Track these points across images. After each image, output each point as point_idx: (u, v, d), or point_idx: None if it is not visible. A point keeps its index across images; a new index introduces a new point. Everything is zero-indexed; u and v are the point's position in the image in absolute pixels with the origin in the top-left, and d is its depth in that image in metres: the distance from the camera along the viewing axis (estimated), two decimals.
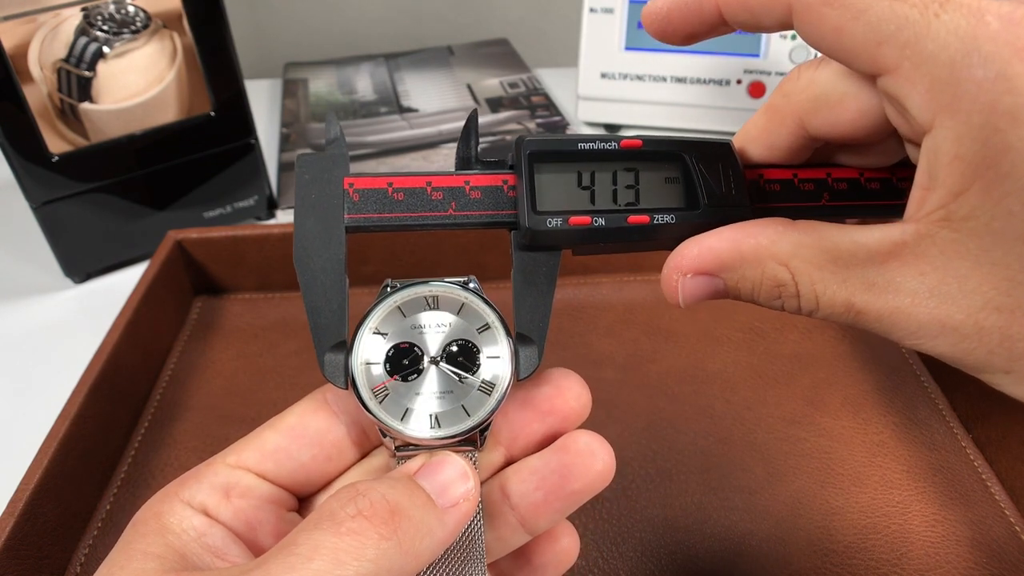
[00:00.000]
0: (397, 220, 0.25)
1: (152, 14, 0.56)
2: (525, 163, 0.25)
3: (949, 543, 0.39)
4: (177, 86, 0.58)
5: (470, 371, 0.25)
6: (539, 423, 0.27)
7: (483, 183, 0.26)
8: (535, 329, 0.26)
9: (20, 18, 0.51)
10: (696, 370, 0.49)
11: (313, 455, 0.26)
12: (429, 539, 0.22)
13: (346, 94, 0.87)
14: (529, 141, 0.25)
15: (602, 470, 0.26)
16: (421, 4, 1.05)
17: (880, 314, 0.21)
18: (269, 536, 0.25)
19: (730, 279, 0.23)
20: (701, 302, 0.24)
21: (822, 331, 0.52)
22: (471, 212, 0.26)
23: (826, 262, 0.22)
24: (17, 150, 0.53)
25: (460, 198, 0.26)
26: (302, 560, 0.19)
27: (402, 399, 0.25)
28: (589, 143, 0.25)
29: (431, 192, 0.26)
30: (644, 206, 0.25)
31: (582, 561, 0.38)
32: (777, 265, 0.22)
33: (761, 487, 0.42)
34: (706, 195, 0.25)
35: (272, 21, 1.03)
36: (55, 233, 0.58)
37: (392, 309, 0.25)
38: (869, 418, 0.46)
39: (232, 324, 0.55)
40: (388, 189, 0.25)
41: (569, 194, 0.25)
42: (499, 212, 0.26)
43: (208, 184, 0.63)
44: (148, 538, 0.22)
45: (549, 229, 0.25)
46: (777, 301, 0.23)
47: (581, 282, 0.57)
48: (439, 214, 0.26)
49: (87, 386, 0.42)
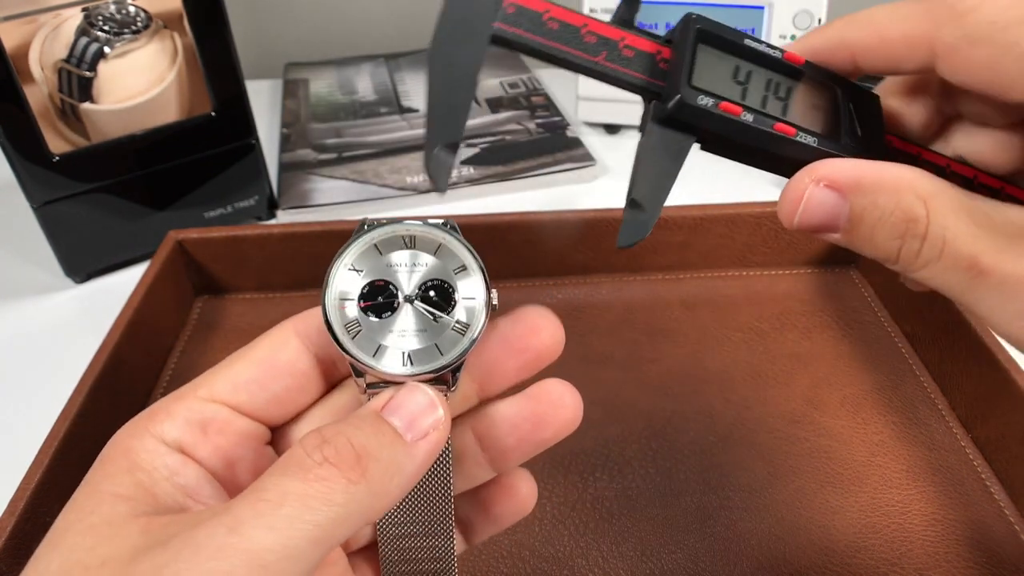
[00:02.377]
0: (544, 46, 0.24)
1: (153, 14, 0.56)
2: (692, 36, 0.24)
3: (949, 543, 0.39)
4: (178, 86, 0.58)
5: (445, 311, 0.25)
6: (513, 360, 0.27)
7: (638, 44, 0.25)
8: (651, 200, 0.25)
9: (21, 18, 0.51)
10: (696, 370, 0.49)
11: (286, 385, 0.25)
12: (399, 476, 0.21)
13: (346, 94, 0.87)
14: (699, 18, 0.25)
15: (571, 418, 0.27)
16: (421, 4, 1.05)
17: (1004, 279, 0.20)
18: (247, 472, 0.24)
19: (858, 203, 0.22)
20: (814, 227, 0.23)
21: (822, 331, 0.52)
22: (619, 67, 0.25)
23: (965, 213, 0.21)
24: (18, 150, 0.53)
25: (612, 50, 0.25)
26: (272, 507, 0.19)
27: (375, 336, 0.24)
28: (756, 42, 0.25)
29: (585, 33, 0.25)
30: (791, 120, 0.25)
31: (582, 561, 0.38)
32: (915, 198, 0.21)
33: (761, 487, 0.42)
34: (848, 135, 0.25)
35: (272, 21, 1.03)
36: (56, 233, 0.58)
37: (368, 246, 0.25)
38: (869, 418, 0.46)
39: (233, 324, 0.55)
40: (544, 14, 0.24)
41: (724, 82, 0.25)
42: (646, 78, 0.25)
43: (209, 184, 0.63)
44: (117, 478, 0.22)
45: (699, 106, 0.24)
46: (897, 241, 0.22)
47: (581, 282, 0.57)
48: (587, 56, 0.25)
49: (88, 386, 0.42)
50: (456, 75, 0.24)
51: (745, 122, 0.24)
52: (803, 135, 0.24)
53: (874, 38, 0.23)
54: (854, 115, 0.25)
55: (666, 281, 0.57)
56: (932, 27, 0.21)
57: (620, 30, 0.25)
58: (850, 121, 0.25)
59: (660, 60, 0.25)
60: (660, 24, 0.72)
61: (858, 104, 0.25)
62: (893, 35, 0.22)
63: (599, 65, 0.25)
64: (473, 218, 0.54)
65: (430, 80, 0.24)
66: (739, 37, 0.25)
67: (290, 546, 0.19)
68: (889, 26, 0.22)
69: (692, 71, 0.24)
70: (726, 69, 0.25)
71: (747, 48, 0.25)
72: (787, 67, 0.25)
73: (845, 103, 0.25)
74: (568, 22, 0.25)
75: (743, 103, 0.25)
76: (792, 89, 0.25)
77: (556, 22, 0.25)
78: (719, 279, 0.57)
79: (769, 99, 0.25)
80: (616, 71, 0.25)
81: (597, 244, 0.56)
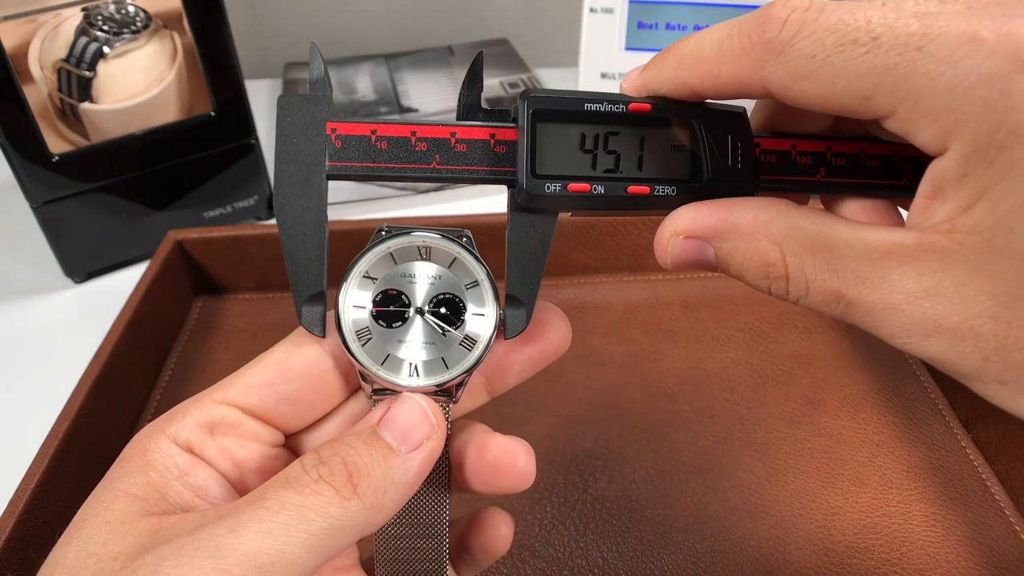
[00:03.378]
0: (379, 170, 0.25)
1: (152, 14, 0.56)
2: (528, 122, 0.24)
3: (949, 543, 0.39)
4: (177, 86, 0.58)
5: (454, 325, 0.25)
6: (520, 355, 0.27)
7: (469, 136, 0.25)
8: (526, 291, 0.25)
9: (20, 18, 0.51)
10: (696, 370, 0.49)
11: (299, 387, 0.26)
12: (393, 490, 0.22)
13: (346, 94, 0.87)
14: (534, 97, 0.24)
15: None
16: (421, 4, 1.05)
17: (872, 307, 0.21)
18: (254, 473, 0.25)
19: (721, 249, 0.23)
20: (688, 268, 0.24)
21: (822, 331, 0.52)
22: (456, 167, 0.25)
23: (821, 249, 0.22)
24: (17, 150, 0.53)
25: (445, 151, 0.25)
26: (270, 513, 0.20)
27: (385, 344, 0.25)
28: (597, 103, 0.25)
29: (415, 143, 0.25)
30: (646, 175, 0.25)
31: (582, 561, 0.38)
32: (770, 243, 0.22)
33: (761, 487, 0.42)
34: (711, 167, 0.25)
35: (272, 21, 1.03)
36: (55, 233, 0.58)
37: (384, 255, 0.25)
38: (869, 418, 0.46)
39: (232, 324, 0.55)
40: (371, 137, 0.25)
41: (571, 157, 0.25)
42: (487, 168, 0.25)
43: (208, 184, 0.63)
44: (131, 476, 0.23)
45: (547, 194, 0.24)
46: (765, 282, 0.23)
47: (581, 282, 0.57)
48: (422, 166, 0.25)
49: (87, 386, 0.42)
50: (305, 229, 0.25)
51: (597, 195, 0.24)
52: (660, 188, 0.25)
53: (709, 80, 0.23)
54: (714, 146, 0.25)
55: (666, 281, 0.57)
56: (757, 66, 0.21)
57: (449, 126, 0.25)
58: (712, 154, 0.25)
59: (495, 144, 0.25)
60: (660, 24, 0.72)
61: (719, 131, 0.25)
62: (725, 77, 0.22)
63: (436, 171, 0.25)
64: (473, 218, 0.54)
65: (282, 237, 0.25)
66: (578, 104, 0.24)
67: (285, 552, 0.20)
68: (719, 67, 0.22)
69: (535, 158, 0.24)
70: (571, 141, 0.25)
71: (589, 112, 0.25)
72: (635, 118, 0.25)
73: (704, 136, 0.25)
74: (396, 136, 0.25)
75: (592, 175, 0.25)
76: (645, 138, 0.25)
77: (384, 140, 0.25)
78: (719, 279, 0.57)
79: (623, 158, 0.25)
80: (454, 171, 0.25)
81: (597, 244, 0.56)
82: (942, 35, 0.19)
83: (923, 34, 0.19)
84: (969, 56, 0.18)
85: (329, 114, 0.25)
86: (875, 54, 0.19)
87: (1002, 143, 0.18)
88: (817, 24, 0.20)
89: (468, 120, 0.25)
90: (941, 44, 0.19)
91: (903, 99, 0.19)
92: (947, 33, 0.19)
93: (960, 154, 0.19)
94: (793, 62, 0.21)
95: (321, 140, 0.25)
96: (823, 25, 0.20)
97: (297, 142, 0.25)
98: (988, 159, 0.19)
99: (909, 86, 0.19)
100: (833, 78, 0.20)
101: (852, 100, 0.20)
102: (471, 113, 0.25)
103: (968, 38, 0.19)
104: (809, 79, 0.21)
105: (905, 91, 0.19)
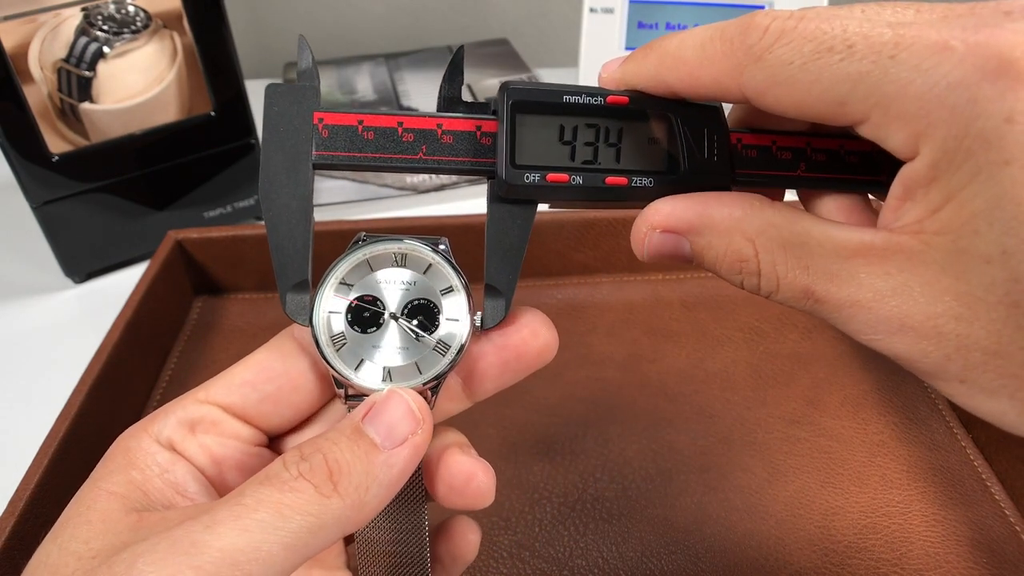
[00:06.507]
0: (365, 160, 0.25)
1: (152, 14, 0.56)
2: (507, 113, 0.24)
3: (949, 543, 0.39)
4: (177, 86, 0.58)
5: (428, 330, 0.25)
6: (498, 360, 0.27)
7: (456, 127, 0.25)
8: (504, 282, 0.26)
9: (20, 18, 0.51)
10: (696, 370, 0.49)
11: (278, 386, 0.26)
12: (376, 487, 0.22)
13: (346, 94, 0.87)
14: (513, 89, 0.25)
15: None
16: (421, 4, 1.05)
17: (839, 304, 0.21)
18: (234, 471, 0.26)
19: (695, 243, 0.24)
20: (664, 260, 0.25)
21: (822, 331, 0.52)
22: (442, 157, 0.25)
23: (793, 246, 0.22)
24: (17, 150, 0.53)
25: (431, 142, 0.25)
26: (248, 510, 0.20)
27: (358, 350, 0.25)
28: (575, 96, 0.25)
29: (402, 133, 0.25)
30: (624, 167, 0.25)
31: (582, 561, 0.38)
32: (743, 240, 0.23)
33: (761, 487, 0.42)
34: (687, 160, 0.25)
35: (272, 21, 1.03)
36: (55, 233, 0.58)
37: (360, 262, 0.26)
38: (869, 418, 0.46)
39: (232, 324, 0.55)
40: (358, 127, 0.25)
41: (549, 148, 0.25)
42: (471, 159, 0.25)
43: (208, 184, 0.63)
44: (114, 475, 0.23)
45: (526, 184, 0.25)
46: (737, 276, 0.23)
47: (581, 282, 0.57)
48: (409, 157, 0.25)
49: (87, 386, 0.42)
50: (290, 218, 0.25)
51: (576, 185, 0.25)
52: (637, 179, 0.25)
53: (687, 81, 0.23)
54: (691, 139, 0.25)
55: (666, 281, 0.57)
56: (736, 71, 0.22)
57: (436, 118, 0.25)
58: (688, 147, 0.25)
59: (481, 136, 0.25)
60: (660, 24, 0.72)
61: (696, 124, 0.25)
62: (704, 80, 0.23)
63: (422, 161, 0.25)
64: (473, 218, 0.54)
65: (267, 225, 0.25)
66: (557, 96, 0.25)
67: (263, 549, 0.20)
68: (699, 69, 0.23)
69: (514, 148, 0.25)
70: (550, 133, 0.25)
71: (567, 104, 0.25)
72: (613, 111, 0.25)
73: (681, 129, 0.25)
74: (382, 126, 0.25)
75: (571, 166, 0.25)
76: (623, 131, 0.25)
77: (371, 131, 0.25)
78: (719, 279, 0.57)
79: (600, 149, 0.25)
80: (440, 163, 0.25)
81: (597, 244, 0.56)
82: (914, 44, 0.19)
83: (896, 43, 0.20)
84: (939, 65, 0.19)
85: (316, 104, 0.25)
86: (849, 62, 0.20)
87: (969, 148, 0.19)
88: (796, 32, 0.21)
89: (448, 112, 0.26)
90: (913, 53, 0.19)
91: (876, 105, 0.20)
92: (919, 42, 0.19)
93: (929, 158, 0.20)
94: (770, 68, 0.21)
95: (308, 129, 0.25)
96: (801, 33, 0.21)
97: (284, 131, 0.25)
98: (956, 164, 0.19)
99: (882, 93, 0.20)
100: (808, 84, 0.21)
101: (826, 106, 0.21)
102: (451, 105, 0.26)
103: (939, 47, 0.19)
104: (785, 85, 0.21)
105: (878, 97, 0.20)
